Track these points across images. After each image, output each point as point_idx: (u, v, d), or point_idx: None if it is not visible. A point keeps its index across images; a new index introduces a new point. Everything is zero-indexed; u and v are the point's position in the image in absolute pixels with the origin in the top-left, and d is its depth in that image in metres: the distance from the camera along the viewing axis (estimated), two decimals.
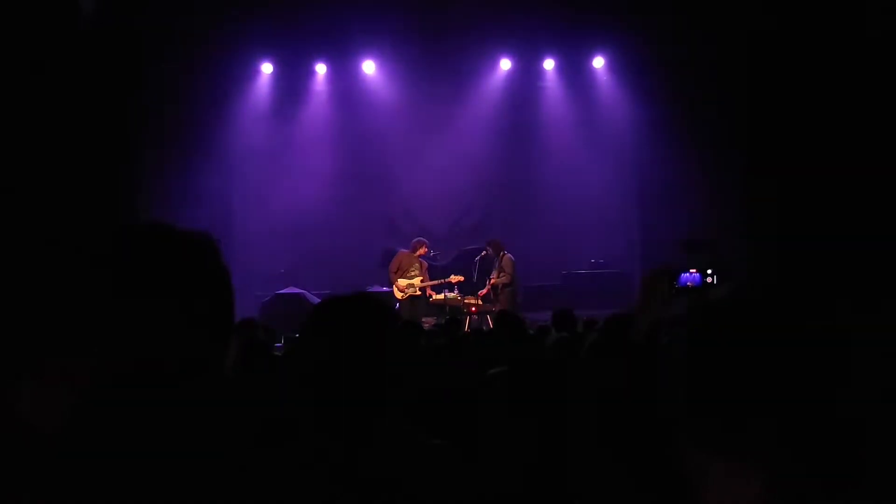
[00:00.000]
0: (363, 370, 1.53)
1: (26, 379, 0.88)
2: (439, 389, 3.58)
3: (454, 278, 10.22)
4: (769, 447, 0.86)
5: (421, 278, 10.14)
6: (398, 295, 9.97)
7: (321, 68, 12.69)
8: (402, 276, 10.10)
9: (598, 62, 12.61)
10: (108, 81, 8.54)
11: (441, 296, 10.26)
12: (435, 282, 10.29)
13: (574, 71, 12.69)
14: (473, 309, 10.19)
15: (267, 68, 12.45)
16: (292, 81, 12.58)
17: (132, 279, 0.86)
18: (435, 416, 2.97)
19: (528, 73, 12.77)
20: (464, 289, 10.47)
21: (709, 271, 2.05)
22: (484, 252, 10.44)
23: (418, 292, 10.09)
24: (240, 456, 0.97)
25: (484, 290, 10.28)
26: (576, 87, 12.71)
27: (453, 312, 9.66)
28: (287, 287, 11.13)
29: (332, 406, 1.53)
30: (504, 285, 10.03)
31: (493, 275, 10.18)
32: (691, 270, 2.06)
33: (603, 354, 2.76)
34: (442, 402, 3.46)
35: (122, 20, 8.84)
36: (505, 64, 12.69)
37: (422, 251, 10.25)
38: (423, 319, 9.47)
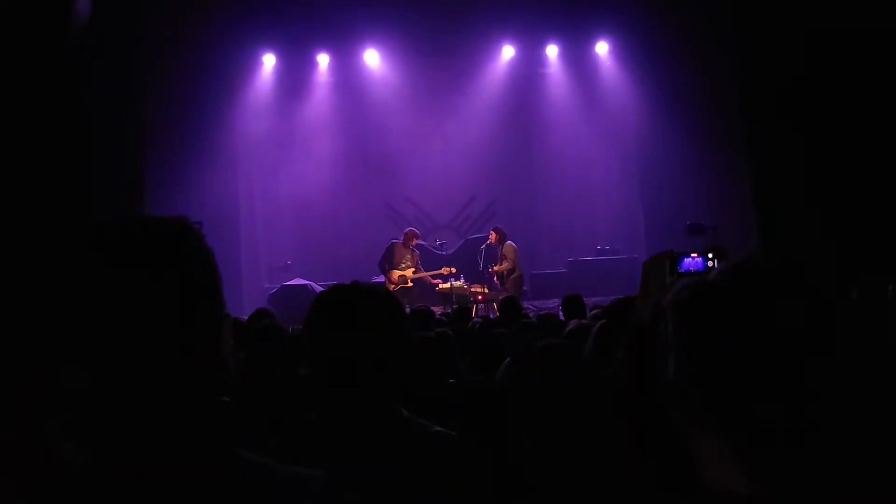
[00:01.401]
0: (373, 358, 1.54)
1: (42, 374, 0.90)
2: (446, 378, 3.60)
3: (446, 270, 10.20)
4: (754, 428, 0.85)
5: (413, 269, 10.13)
6: (390, 287, 9.94)
7: (323, 58, 12.66)
8: (393, 268, 10.09)
9: (602, 48, 12.54)
10: (110, 76, 8.54)
11: (447, 285, 10.27)
12: (426, 273, 10.26)
13: (577, 57, 12.61)
14: (480, 297, 10.21)
15: (269, 60, 12.44)
16: (295, 72, 12.55)
17: (116, 269, 0.88)
18: (441, 405, 3.00)
19: (531, 59, 12.71)
20: (470, 277, 10.48)
21: (709, 255, 2.06)
22: (489, 240, 10.45)
23: (410, 284, 10.06)
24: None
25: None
26: (579, 73, 12.62)
27: (460, 301, 9.66)
28: (294, 279, 11.17)
29: (341, 393, 1.55)
30: (508, 272, 10.04)
31: (497, 263, 10.20)
32: (692, 255, 2.06)
33: (610, 338, 2.77)
34: (448, 391, 3.48)
35: (123, 13, 8.83)
36: (508, 51, 12.63)
37: (414, 242, 10.23)
38: (432, 308, 9.45)
